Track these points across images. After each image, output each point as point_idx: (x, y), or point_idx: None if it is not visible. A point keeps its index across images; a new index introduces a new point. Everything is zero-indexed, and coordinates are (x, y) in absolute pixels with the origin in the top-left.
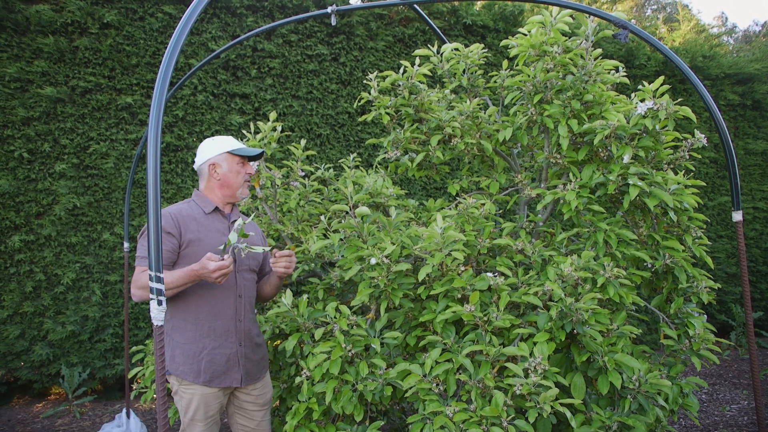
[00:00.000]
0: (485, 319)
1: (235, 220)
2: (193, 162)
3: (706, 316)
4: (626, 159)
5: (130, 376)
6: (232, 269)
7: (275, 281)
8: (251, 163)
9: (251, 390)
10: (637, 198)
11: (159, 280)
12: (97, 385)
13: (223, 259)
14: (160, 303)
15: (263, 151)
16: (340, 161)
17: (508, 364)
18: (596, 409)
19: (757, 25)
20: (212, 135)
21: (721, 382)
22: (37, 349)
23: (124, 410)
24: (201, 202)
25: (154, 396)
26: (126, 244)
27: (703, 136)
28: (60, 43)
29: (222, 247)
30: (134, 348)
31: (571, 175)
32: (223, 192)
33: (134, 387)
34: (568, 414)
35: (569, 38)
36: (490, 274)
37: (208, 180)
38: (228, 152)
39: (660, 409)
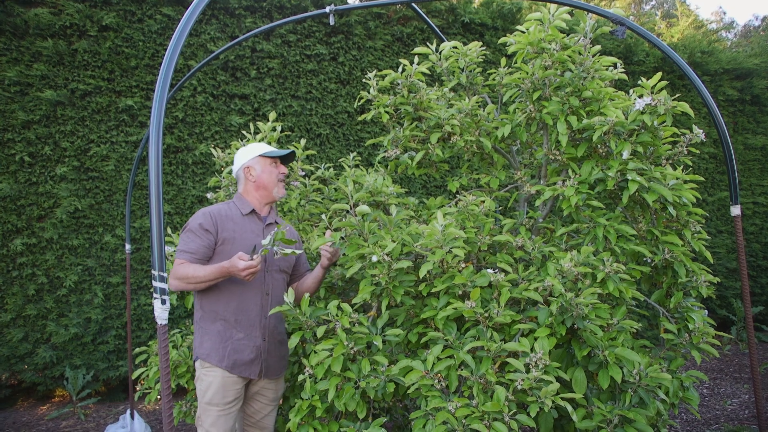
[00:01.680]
0: (486, 315)
1: (270, 223)
2: (194, 163)
3: (706, 310)
4: (625, 155)
5: (134, 377)
6: (260, 269)
7: (318, 274)
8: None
9: (267, 385)
10: (636, 193)
11: (163, 279)
12: (100, 386)
13: (252, 259)
14: (163, 302)
15: (293, 151)
16: (340, 160)
17: (510, 360)
18: (597, 403)
19: (756, 19)
20: (212, 136)
21: (722, 377)
22: (41, 352)
23: (128, 411)
24: (240, 204)
25: (158, 396)
26: (128, 246)
27: (701, 131)
28: (59, 46)
29: (253, 248)
30: (137, 349)
31: (570, 171)
32: (260, 193)
33: (138, 388)
34: (570, 408)
35: (567, 35)
36: (490, 271)
37: (245, 183)
38: (260, 155)
39: (661, 403)
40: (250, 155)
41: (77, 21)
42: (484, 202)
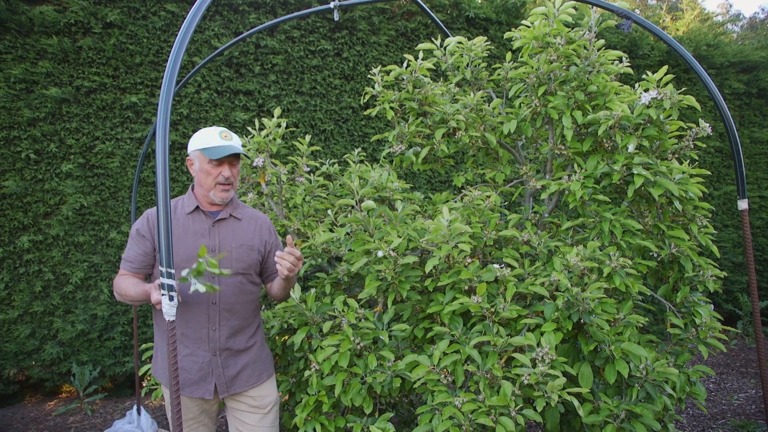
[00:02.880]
0: (492, 310)
1: (222, 219)
2: None
3: (712, 305)
4: (631, 148)
5: (140, 374)
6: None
7: (281, 282)
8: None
9: (244, 397)
10: (642, 188)
11: (170, 276)
12: (107, 382)
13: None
14: (171, 299)
15: (236, 153)
16: (344, 156)
17: (516, 355)
18: (604, 398)
19: (762, 11)
20: None
21: (729, 371)
22: (48, 348)
23: (135, 407)
24: (187, 200)
25: None
26: None
27: (708, 125)
28: (64, 44)
29: (184, 273)
30: (144, 345)
31: (575, 165)
32: (199, 191)
33: (144, 384)
34: (576, 403)
35: (572, 29)
36: (496, 266)
37: (193, 175)
38: (199, 150)
39: (667, 398)
40: (192, 145)
41: (82, 18)
42: (489, 197)
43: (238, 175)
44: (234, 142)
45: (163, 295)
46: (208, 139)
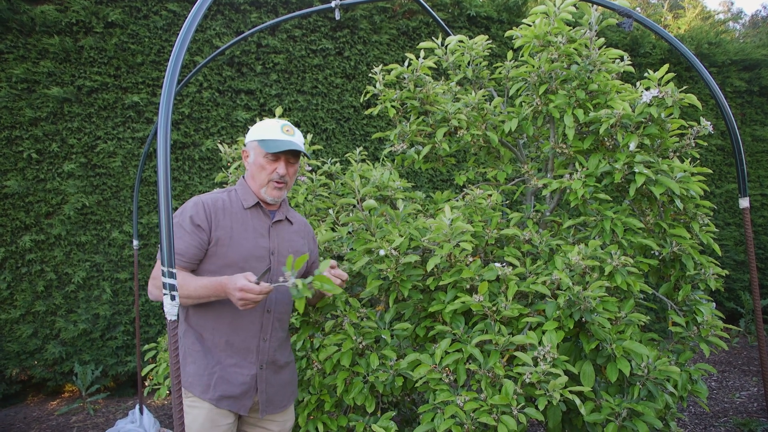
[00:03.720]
0: (494, 309)
1: (279, 221)
2: (201, 159)
3: (714, 303)
4: (632, 147)
5: (143, 374)
6: (259, 301)
7: (320, 294)
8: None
9: (268, 422)
10: (644, 186)
11: (171, 275)
12: (109, 382)
13: (257, 284)
14: (173, 298)
15: (297, 150)
16: (346, 155)
17: (518, 353)
18: (606, 396)
19: (764, 9)
20: (218, 132)
21: (731, 370)
22: (50, 348)
23: (137, 406)
24: (242, 193)
25: (168, 392)
26: (135, 242)
27: (709, 123)
28: (65, 43)
29: (265, 271)
30: (146, 346)
31: (577, 164)
32: (252, 185)
33: (147, 384)
34: (578, 401)
35: (573, 28)
36: (498, 265)
37: (246, 167)
38: (257, 141)
39: (669, 396)
40: (250, 135)
41: (83, 18)
42: (491, 195)
43: (295, 175)
44: (296, 138)
45: (164, 294)
46: (269, 131)
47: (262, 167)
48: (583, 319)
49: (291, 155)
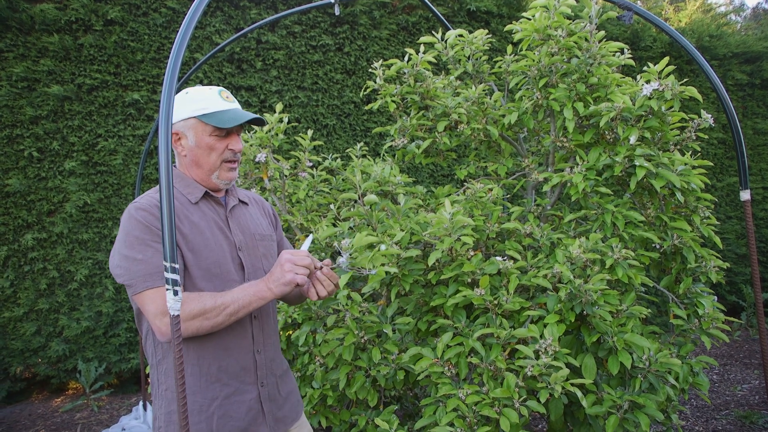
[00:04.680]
0: (495, 302)
1: (235, 206)
2: None
3: (716, 297)
4: (632, 140)
5: (147, 371)
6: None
7: (297, 294)
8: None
9: None
10: (644, 179)
11: (174, 270)
12: (113, 379)
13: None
14: (175, 293)
15: (255, 117)
16: (347, 151)
17: (519, 347)
18: (607, 389)
19: (766, 1)
20: None
21: (732, 363)
22: (54, 345)
23: (141, 403)
24: (184, 186)
25: None
26: None
27: (710, 115)
28: (65, 41)
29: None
30: None
31: (577, 158)
32: (197, 173)
33: (150, 380)
34: (579, 394)
35: (573, 21)
36: (499, 258)
37: (177, 156)
38: (196, 118)
39: (671, 388)
40: (183, 110)
41: (82, 16)
42: (491, 189)
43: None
44: (236, 103)
45: (167, 290)
46: (207, 101)
47: (211, 147)
48: (585, 312)
49: (239, 126)
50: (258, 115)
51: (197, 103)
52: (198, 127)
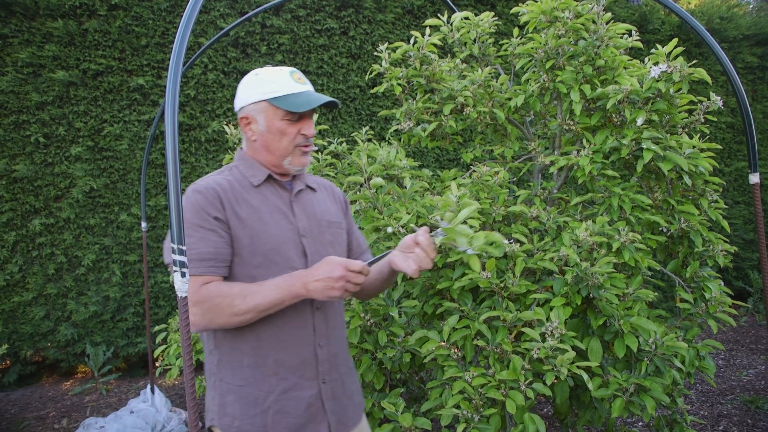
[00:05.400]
0: (501, 285)
1: (301, 190)
2: (207, 141)
3: (722, 282)
4: (639, 122)
5: (155, 355)
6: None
7: (388, 274)
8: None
9: None
10: (651, 162)
11: (182, 252)
12: (121, 363)
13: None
14: (183, 275)
15: (330, 100)
16: (352, 135)
17: (525, 329)
18: (613, 372)
19: None
20: (224, 113)
21: (738, 348)
22: (62, 330)
23: (149, 387)
24: (247, 168)
25: (180, 372)
26: (144, 224)
27: (719, 98)
28: (69, 27)
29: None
30: (156, 327)
31: (584, 141)
32: (269, 157)
33: (158, 364)
34: (585, 377)
35: (580, 3)
36: (505, 241)
37: (246, 140)
38: (267, 101)
39: (677, 372)
40: (253, 93)
41: (87, 0)
42: (498, 173)
43: None
44: (309, 85)
45: (174, 271)
46: (279, 83)
47: (282, 132)
48: (591, 295)
49: (312, 110)
50: (332, 98)
51: (268, 85)
52: (269, 110)
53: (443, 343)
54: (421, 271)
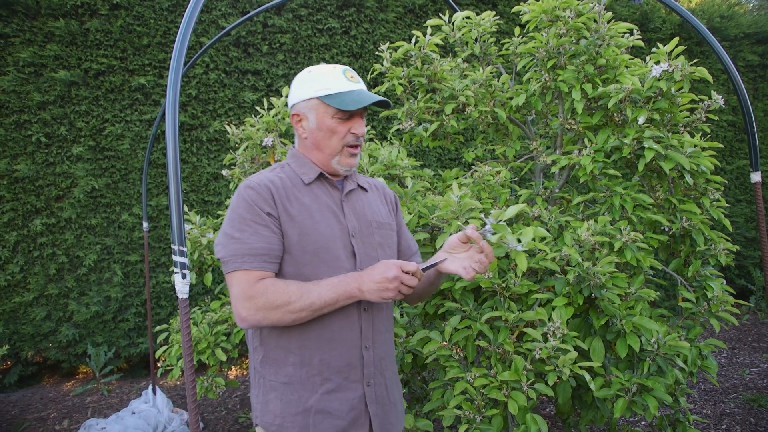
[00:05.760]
0: (503, 285)
1: (352, 190)
2: (208, 140)
3: (725, 280)
4: (641, 121)
5: (156, 355)
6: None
7: (435, 277)
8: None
9: None
10: (653, 161)
11: (183, 254)
12: (122, 363)
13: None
14: (184, 276)
15: (381, 99)
16: None
17: (527, 330)
18: (615, 372)
19: None
20: (226, 113)
21: (741, 346)
22: (64, 330)
23: (150, 387)
24: (299, 166)
25: (181, 373)
26: (145, 224)
27: (720, 96)
28: (71, 26)
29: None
30: (158, 327)
31: (586, 140)
32: (317, 157)
33: (159, 365)
34: (587, 377)
35: (581, 2)
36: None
37: (297, 137)
38: (319, 98)
39: (679, 371)
40: (305, 90)
41: (88, 0)
42: (499, 172)
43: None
44: (362, 83)
45: (176, 273)
46: (331, 81)
47: (332, 131)
48: (593, 295)
49: (364, 109)
50: (383, 97)
51: (320, 82)
52: (320, 108)
53: (445, 344)
54: (476, 273)
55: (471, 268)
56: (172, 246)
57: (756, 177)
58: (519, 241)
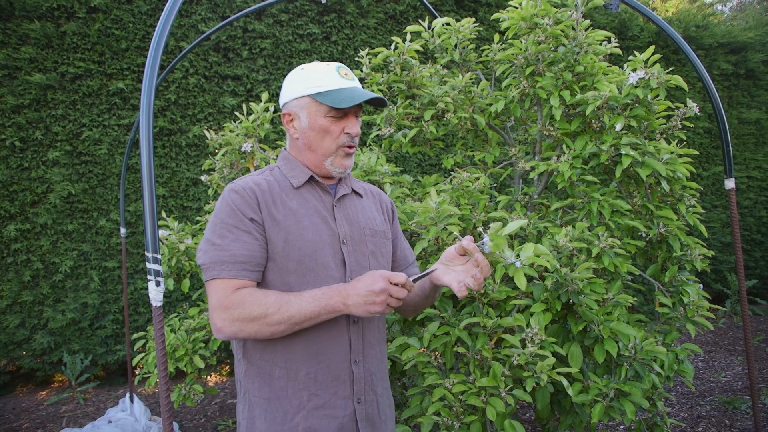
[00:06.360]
0: (482, 291)
1: (344, 195)
2: (188, 145)
3: (701, 285)
4: (618, 127)
5: (133, 364)
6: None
7: (430, 290)
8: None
9: None
10: (630, 168)
11: (157, 261)
12: (99, 371)
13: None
14: (158, 284)
15: (375, 97)
16: None
17: (505, 336)
18: (593, 377)
19: None
20: (205, 118)
21: (717, 350)
22: (38, 338)
23: (128, 395)
24: (289, 169)
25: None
26: (123, 230)
27: (695, 104)
28: (47, 29)
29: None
30: (136, 334)
31: (564, 146)
32: (310, 157)
33: (137, 372)
34: (566, 382)
35: (559, 9)
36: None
37: (288, 138)
38: (311, 96)
39: (656, 376)
40: (298, 88)
41: (65, 2)
42: (478, 178)
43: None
44: (357, 81)
45: (149, 281)
46: (324, 78)
47: (325, 130)
48: (571, 300)
49: (358, 107)
50: (378, 95)
51: (312, 80)
52: (312, 106)
53: (423, 350)
54: (469, 289)
55: (464, 283)
56: (146, 253)
57: (730, 184)
58: (518, 257)
